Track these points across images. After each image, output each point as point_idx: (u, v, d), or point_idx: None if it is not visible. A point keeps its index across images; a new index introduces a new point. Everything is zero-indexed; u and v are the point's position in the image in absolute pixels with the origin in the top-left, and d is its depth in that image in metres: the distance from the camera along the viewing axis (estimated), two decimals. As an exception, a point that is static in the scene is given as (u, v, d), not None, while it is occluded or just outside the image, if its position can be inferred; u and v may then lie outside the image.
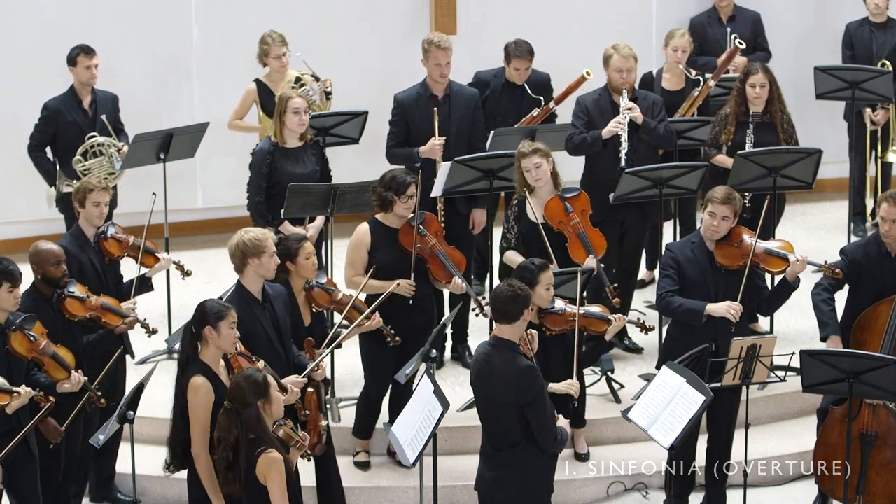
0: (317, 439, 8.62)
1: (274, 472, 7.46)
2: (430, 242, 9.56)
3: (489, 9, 13.25)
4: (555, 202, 9.73)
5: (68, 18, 12.49)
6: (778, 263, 9.18)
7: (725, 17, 13.09)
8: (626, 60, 10.58)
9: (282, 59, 11.41)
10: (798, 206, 13.44)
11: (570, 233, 9.70)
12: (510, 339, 7.97)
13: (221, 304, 8.07)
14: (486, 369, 7.98)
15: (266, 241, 8.55)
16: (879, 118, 12.67)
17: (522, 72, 11.32)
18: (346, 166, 11.77)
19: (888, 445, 8.94)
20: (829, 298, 9.19)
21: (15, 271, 8.27)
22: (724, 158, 10.77)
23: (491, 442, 8.06)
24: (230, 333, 7.97)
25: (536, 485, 8.01)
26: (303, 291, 8.96)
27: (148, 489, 9.57)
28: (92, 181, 9.38)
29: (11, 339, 8.27)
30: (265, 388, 7.57)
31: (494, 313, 8.01)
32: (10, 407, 8.00)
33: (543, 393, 7.91)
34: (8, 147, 12.33)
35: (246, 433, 7.52)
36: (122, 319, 9.00)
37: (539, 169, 9.64)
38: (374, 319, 9.06)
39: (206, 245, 12.95)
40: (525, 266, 8.70)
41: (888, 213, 9.04)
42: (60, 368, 8.40)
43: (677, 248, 9.32)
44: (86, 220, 9.36)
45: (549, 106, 11.29)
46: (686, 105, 11.57)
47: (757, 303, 9.35)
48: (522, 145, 9.75)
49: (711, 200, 9.15)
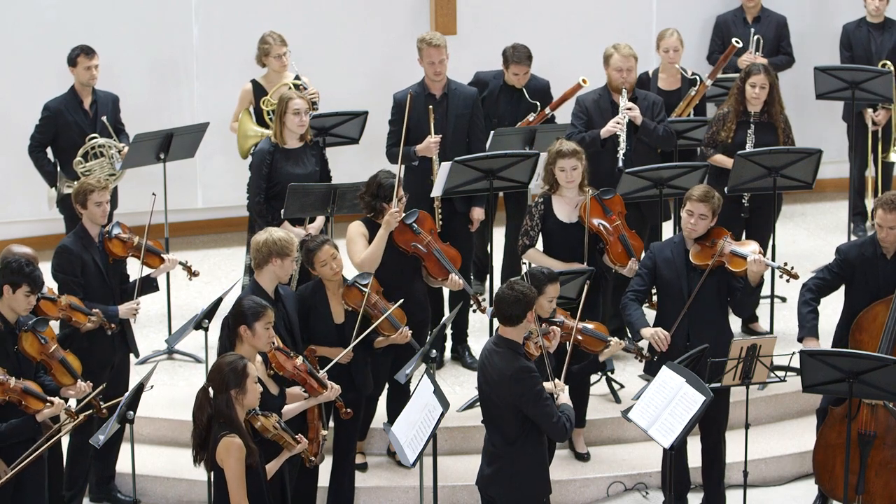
0: (317, 448, 8.63)
1: (231, 459, 7.45)
2: (425, 240, 9.57)
3: (489, 9, 13.25)
4: (594, 204, 9.70)
5: (68, 18, 12.49)
6: (740, 263, 9.14)
7: (751, 18, 13.11)
8: (627, 60, 10.59)
9: (282, 59, 11.41)
10: (798, 207, 13.45)
11: (610, 235, 9.68)
12: (513, 339, 7.99)
13: (259, 302, 8.11)
14: (487, 367, 8.02)
15: (292, 244, 8.66)
16: (880, 118, 12.67)
17: (521, 77, 11.32)
18: (346, 166, 11.78)
19: (887, 445, 8.94)
20: (812, 299, 9.19)
21: (38, 278, 8.28)
22: (723, 158, 10.77)
23: (490, 438, 8.10)
24: (266, 333, 8.03)
25: (531, 482, 8.04)
26: (337, 290, 8.96)
27: (148, 489, 9.56)
28: (90, 182, 9.37)
29: (22, 339, 8.28)
30: (242, 378, 7.57)
31: (497, 314, 8.02)
32: (42, 414, 8.06)
33: (540, 393, 7.92)
34: (8, 147, 12.33)
35: (216, 417, 7.55)
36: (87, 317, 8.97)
37: (575, 171, 9.64)
38: (402, 333, 9.07)
39: (206, 245, 12.95)
40: (534, 274, 8.66)
41: (883, 219, 9.04)
42: (67, 374, 8.41)
43: (657, 249, 9.33)
44: (89, 219, 9.37)
45: (545, 112, 11.29)
46: (683, 105, 11.58)
47: (732, 304, 9.33)
48: (562, 144, 9.72)
49: (689, 199, 9.15)
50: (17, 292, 8.20)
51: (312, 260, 8.91)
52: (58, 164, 11.33)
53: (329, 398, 8.51)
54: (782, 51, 12.99)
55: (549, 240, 9.77)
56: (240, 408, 7.59)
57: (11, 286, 8.19)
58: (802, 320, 9.18)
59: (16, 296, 8.21)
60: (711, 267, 9.04)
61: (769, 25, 13.05)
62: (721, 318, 9.18)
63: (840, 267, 9.20)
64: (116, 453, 9.38)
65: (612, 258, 9.66)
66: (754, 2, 13.10)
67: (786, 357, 8.77)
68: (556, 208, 9.73)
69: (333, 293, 8.97)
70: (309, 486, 8.95)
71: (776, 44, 12.99)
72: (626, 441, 9.92)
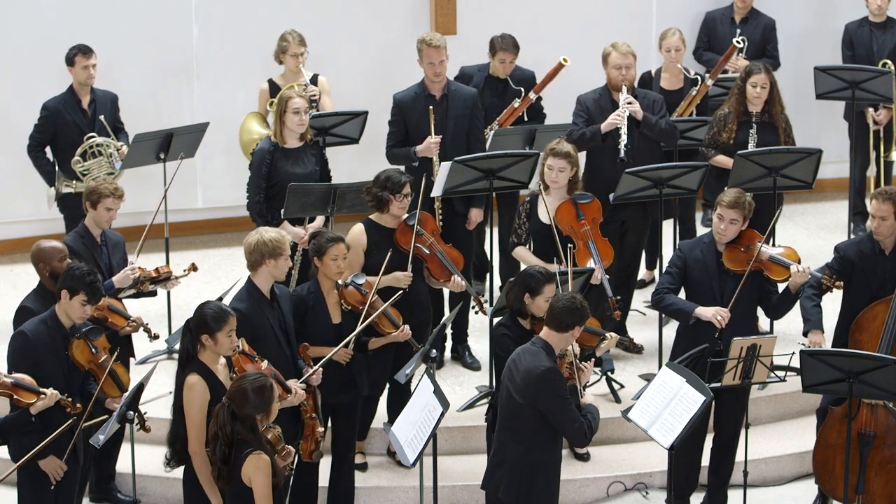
0: (314, 446, 8.62)
1: (260, 475, 7.45)
2: (428, 241, 9.56)
3: (489, 9, 13.25)
4: (567, 207, 9.72)
5: (68, 18, 12.48)
6: (780, 272, 9.14)
7: (739, 18, 13.10)
8: (625, 57, 10.60)
9: (298, 59, 11.41)
10: (798, 206, 13.45)
11: (579, 239, 9.69)
12: (550, 343, 7.95)
13: (221, 309, 8.02)
14: (514, 364, 7.97)
15: (284, 243, 8.61)
16: (882, 118, 12.67)
17: (507, 65, 11.32)
18: (346, 166, 11.78)
19: (887, 445, 8.94)
20: (815, 295, 9.21)
21: (98, 290, 8.22)
22: (724, 159, 10.77)
23: (501, 441, 8.05)
24: (228, 341, 7.96)
25: (542, 485, 8.01)
26: (333, 290, 8.95)
27: (148, 489, 9.57)
28: (108, 186, 9.38)
29: (73, 345, 8.23)
30: (269, 403, 7.58)
31: (548, 317, 7.98)
32: (35, 407, 7.98)
33: (564, 395, 7.87)
34: (7, 147, 12.33)
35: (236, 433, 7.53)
36: (126, 321, 9.01)
37: (561, 173, 9.65)
38: (404, 332, 9.06)
39: (206, 245, 12.95)
40: (532, 273, 8.60)
41: (877, 210, 9.06)
42: (114, 386, 8.37)
43: (687, 248, 9.32)
44: (94, 221, 9.37)
45: (530, 96, 11.28)
46: (684, 104, 11.58)
47: (765, 307, 9.34)
48: (559, 143, 9.75)
49: (720, 203, 9.14)
50: (74, 299, 8.15)
51: (325, 251, 8.84)
52: (56, 163, 11.33)
53: (293, 403, 8.40)
54: (768, 54, 12.95)
55: (534, 239, 9.83)
56: (261, 427, 7.60)
57: (70, 291, 8.14)
58: (807, 314, 9.18)
59: (72, 302, 8.15)
60: (746, 274, 9.03)
61: (757, 27, 13.03)
62: (751, 320, 9.23)
63: (839, 264, 9.21)
64: (117, 453, 9.39)
65: (578, 263, 9.66)
66: (745, 2, 13.09)
67: (786, 357, 8.77)
68: (539, 209, 9.74)
69: (329, 293, 8.96)
70: (308, 486, 8.95)
71: (762, 46, 12.96)
72: (626, 441, 9.91)
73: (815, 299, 9.21)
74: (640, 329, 11.04)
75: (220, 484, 7.67)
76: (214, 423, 7.58)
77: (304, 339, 8.82)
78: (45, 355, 8.13)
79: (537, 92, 11.32)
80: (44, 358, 8.13)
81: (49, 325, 8.18)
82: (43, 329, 8.17)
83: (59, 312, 8.22)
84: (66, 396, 8.06)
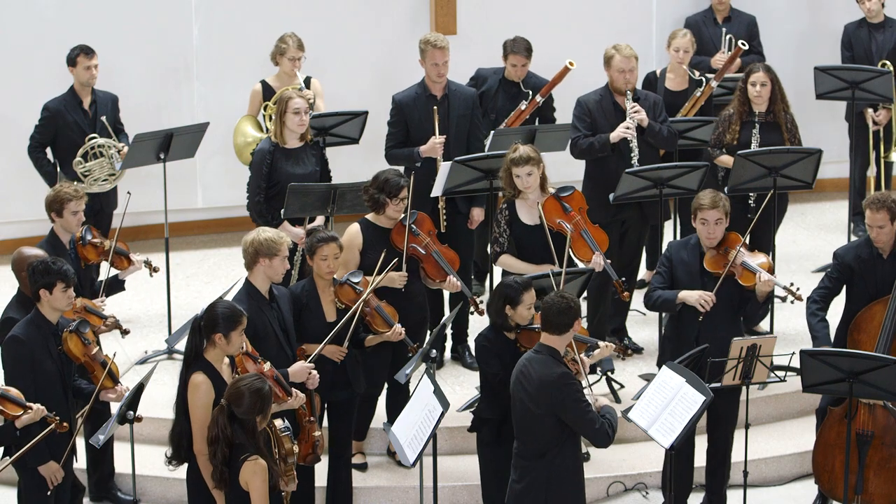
0: (310, 449, 8.62)
1: (257, 480, 7.47)
2: (424, 241, 9.56)
3: (489, 9, 13.25)
4: (552, 203, 9.67)
5: (68, 18, 12.49)
6: (750, 278, 9.14)
7: (721, 18, 13.10)
8: (628, 61, 10.56)
9: (295, 63, 11.40)
10: (798, 206, 13.44)
11: (572, 232, 9.64)
12: (554, 347, 7.93)
13: (234, 309, 8.01)
14: (524, 375, 7.92)
15: (281, 244, 8.59)
16: (881, 118, 12.67)
17: (519, 68, 11.32)
18: (346, 166, 11.78)
19: (885, 445, 8.94)
20: (819, 310, 9.21)
21: (68, 271, 8.22)
22: (728, 159, 10.74)
23: (520, 451, 8.00)
24: (240, 340, 7.98)
25: (565, 495, 7.98)
26: (328, 288, 8.96)
27: (148, 489, 9.57)
28: (66, 190, 9.35)
29: (67, 340, 8.23)
30: (267, 406, 7.58)
31: (544, 323, 7.95)
32: (20, 421, 7.94)
33: (581, 399, 7.85)
34: (7, 148, 12.33)
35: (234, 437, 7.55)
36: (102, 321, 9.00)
37: (530, 177, 9.55)
38: (396, 331, 9.06)
39: (206, 245, 12.95)
40: (508, 284, 8.53)
41: (872, 219, 9.06)
42: (108, 378, 8.37)
43: (675, 248, 9.33)
44: (62, 228, 9.37)
45: (536, 99, 11.28)
46: (688, 105, 11.58)
47: (743, 314, 9.34)
48: (516, 151, 9.56)
49: (700, 208, 9.11)
50: (55, 291, 8.15)
51: (315, 250, 8.85)
52: (57, 164, 11.33)
53: (292, 406, 8.41)
54: (754, 50, 12.95)
55: (519, 244, 9.65)
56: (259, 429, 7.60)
57: (47, 287, 8.14)
58: (813, 331, 9.18)
59: (54, 295, 8.15)
60: (721, 278, 9.04)
61: (740, 25, 13.03)
62: (732, 323, 9.16)
63: (839, 271, 9.21)
64: (111, 452, 9.38)
65: (576, 254, 9.64)
66: (724, 3, 13.09)
67: (786, 357, 8.77)
68: (520, 212, 9.65)
69: (324, 291, 8.96)
70: (306, 487, 8.94)
71: (748, 43, 12.96)
72: (626, 441, 9.91)
73: (819, 314, 9.20)
74: (640, 329, 11.05)
75: (221, 485, 7.66)
76: (214, 425, 7.59)
77: (298, 336, 8.81)
78: (40, 355, 8.14)
79: (543, 95, 11.31)
80: (39, 358, 8.14)
81: (38, 325, 8.18)
82: (33, 329, 8.17)
83: (43, 312, 8.20)
84: (54, 414, 7.99)
